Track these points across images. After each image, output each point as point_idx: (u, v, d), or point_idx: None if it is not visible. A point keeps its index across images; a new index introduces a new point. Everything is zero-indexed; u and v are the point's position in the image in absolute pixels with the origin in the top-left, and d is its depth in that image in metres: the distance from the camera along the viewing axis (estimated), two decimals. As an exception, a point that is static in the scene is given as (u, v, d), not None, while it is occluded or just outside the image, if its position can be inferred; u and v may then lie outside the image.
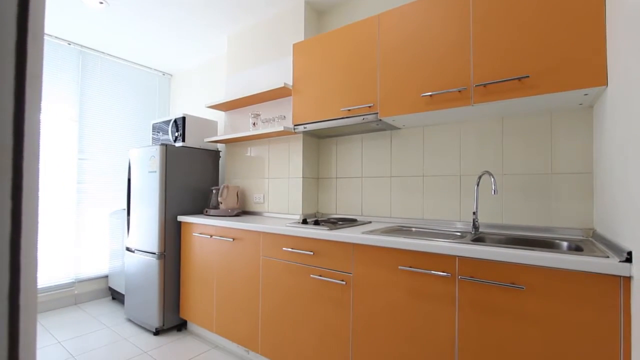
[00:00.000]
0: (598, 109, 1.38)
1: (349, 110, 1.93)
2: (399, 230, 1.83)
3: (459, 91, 1.52)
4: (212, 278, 2.25)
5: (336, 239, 1.60)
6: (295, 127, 2.20)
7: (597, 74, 1.22)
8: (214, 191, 2.71)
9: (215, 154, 2.91)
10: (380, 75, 1.81)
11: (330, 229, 1.69)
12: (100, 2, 2.41)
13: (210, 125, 2.93)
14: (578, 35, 1.25)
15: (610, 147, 1.18)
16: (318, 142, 2.50)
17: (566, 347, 1.05)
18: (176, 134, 2.74)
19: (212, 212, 2.54)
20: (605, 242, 1.20)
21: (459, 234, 1.66)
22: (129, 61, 3.48)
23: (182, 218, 2.50)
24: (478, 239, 1.54)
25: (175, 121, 2.75)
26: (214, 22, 2.71)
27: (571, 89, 1.26)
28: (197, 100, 3.57)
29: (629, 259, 0.94)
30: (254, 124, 2.52)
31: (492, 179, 1.50)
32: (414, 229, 1.86)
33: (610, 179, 1.19)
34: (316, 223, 1.85)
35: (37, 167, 0.37)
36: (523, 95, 1.36)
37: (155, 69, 3.71)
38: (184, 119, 2.70)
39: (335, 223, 1.90)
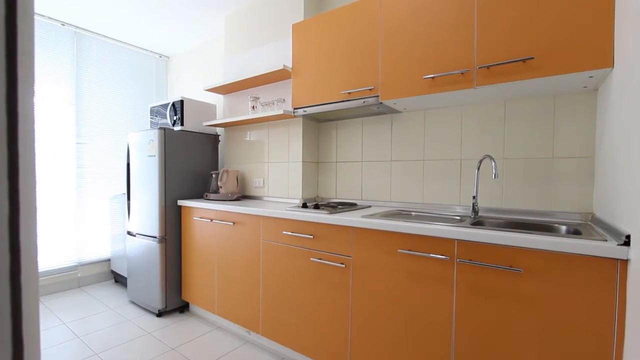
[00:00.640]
0: (602, 92, 1.36)
1: (349, 93, 1.90)
2: (399, 214, 1.84)
3: (462, 73, 1.50)
4: (213, 261, 2.28)
5: (336, 223, 1.61)
6: (295, 110, 2.17)
7: (603, 56, 1.19)
8: (214, 175, 2.71)
9: (215, 138, 2.89)
10: (381, 57, 1.77)
11: (330, 213, 1.69)
12: (93, -20, 2.33)
13: (209, 108, 2.89)
14: (585, 14, 1.22)
15: (614, 130, 1.16)
16: (318, 125, 2.48)
17: (562, 328, 1.07)
18: (174, 118, 2.71)
19: (212, 196, 2.54)
20: (604, 225, 1.21)
21: (458, 218, 1.67)
22: (125, 43, 3.40)
23: (182, 202, 2.51)
24: (477, 223, 1.54)
25: (174, 105, 2.71)
26: (211, 1, 2.64)
27: (576, 71, 1.24)
28: (195, 84, 3.51)
29: (627, 242, 0.95)
30: (253, 107, 2.49)
31: (493, 162, 1.49)
32: (413, 213, 1.86)
33: (612, 163, 1.18)
34: (316, 207, 1.86)
35: (33, 147, 0.36)
36: (527, 78, 1.34)
37: (151, 51, 3.64)
38: (182, 102, 2.66)
39: (335, 207, 1.91)
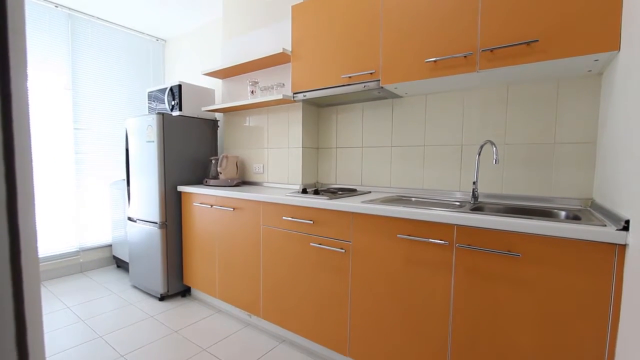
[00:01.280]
0: (607, 76, 1.34)
1: (349, 77, 1.87)
2: (399, 200, 1.84)
3: (465, 57, 1.47)
4: (214, 246, 2.30)
5: (336, 208, 1.61)
6: (295, 95, 2.14)
7: (609, 38, 1.17)
8: (213, 161, 2.70)
9: (214, 123, 2.86)
10: (382, 39, 1.73)
11: (330, 199, 1.69)
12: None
13: (207, 93, 2.85)
14: (593, -5, 1.18)
15: (618, 115, 1.15)
16: (318, 111, 2.45)
17: (558, 312, 1.09)
18: (172, 103, 2.68)
19: (211, 182, 2.54)
20: (603, 211, 1.21)
21: (458, 203, 1.67)
22: (121, 25, 3.33)
23: (182, 188, 2.51)
24: (477, 209, 1.55)
25: (171, 89, 2.67)
26: (208, -17, 2.56)
27: (582, 54, 1.21)
28: (192, 68, 3.46)
29: (625, 228, 0.95)
30: (252, 92, 2.46)
31: (494, 148, 1.48)
32: (413, 198, 1.87)
33: (614, 148, 1.17)
34: (316, 193, 1.86)
35: (28, 129, 0.35)
36: (531, 61, 1.31)
37: (148, 34, 3.56)
38: (179, 86, 2.62)
39: (335, 193, 1.91)
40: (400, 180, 2.06)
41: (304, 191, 1.93)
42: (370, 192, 2.12)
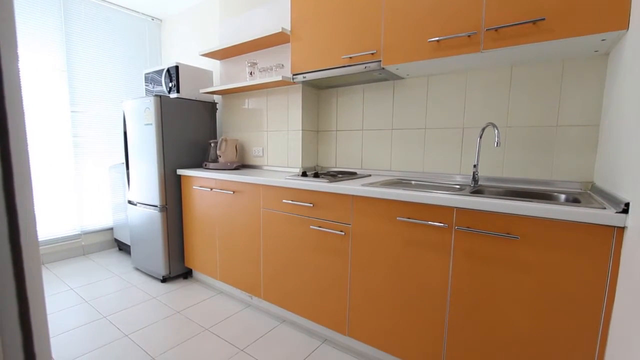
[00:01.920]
0: (614, 57, 1.31)
1: (350, 57, 1.83)
2: (399, 183, 1.84)
3: (469, 36, 1.43)
4: (214, 229, 2.31)
5: (336, 191, 1.61)
6: (294, 76, 2.10)
7: (617, 17, 1.13)
8: (212, 144, 2.68)
9: (212, 105, 2.82)
10: (384, 17, 1.69)
11: (330, 182, 1.69)
12: None
13: (205, 75, 2.80)
14: (603, -29, 1.14)
15: (624, 96, 1.13)
16: (318, 93, 2.42)
17: (554, 293, 1.11)
18: (170, 85, 2.63)
19: (211, 165, 2.53)
20: (603, 194, 1.21)
21: (458, 186, 1.67)
22: (115, 4, 3.23)
23: (181, 171, 2.50)
24: (477, 192, 1.55)
25: (169, 71, 2.62)
26: (204, -42, 2.47)
27: (589, 33, 1.18)
28: (189, 48, 3.38)
29: (625, 210, 0.96)
30: (251, 73, 2.41)
31: (496, 130, 1.47)
32: (413, 181, 1.87)
33: (618, 130, 1.16)
34: (316, 176, 1.85)
35: (22, 109, 0.35)
36: (537, 41, 1.28)
37: (143, 13, 3.46)
38: (177, 68, 2.57)
39: (334, 176, 1.91)
40: (401, 164, 2.06)
41: (304, 174, 1.92)
42: (370, 175, 2.11)
